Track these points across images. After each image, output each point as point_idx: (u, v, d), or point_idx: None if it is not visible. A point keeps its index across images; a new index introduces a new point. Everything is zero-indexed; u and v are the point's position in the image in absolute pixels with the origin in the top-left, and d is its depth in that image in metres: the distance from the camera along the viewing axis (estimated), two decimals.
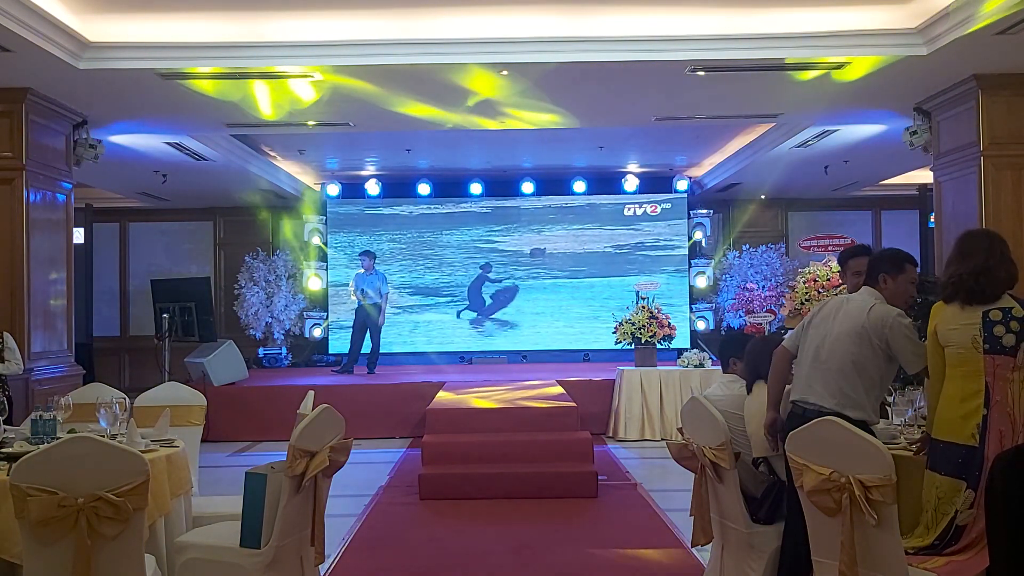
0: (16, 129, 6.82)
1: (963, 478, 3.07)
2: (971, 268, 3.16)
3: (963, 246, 3.27)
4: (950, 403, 3.18)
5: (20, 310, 6.80)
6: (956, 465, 3.10)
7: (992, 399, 3.07)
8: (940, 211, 7.57)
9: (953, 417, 3.15)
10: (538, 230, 12.90)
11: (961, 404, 3.14)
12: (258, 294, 12.30)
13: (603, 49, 6.39)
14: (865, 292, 3.57)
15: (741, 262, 12.59)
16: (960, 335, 3.16)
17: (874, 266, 3.61)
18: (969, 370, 3.13)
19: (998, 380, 3.07)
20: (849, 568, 2.77)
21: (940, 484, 3.14)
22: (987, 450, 3.03)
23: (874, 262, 3.64)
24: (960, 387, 3.15)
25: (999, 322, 3.09)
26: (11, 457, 3.34)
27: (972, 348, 3.12)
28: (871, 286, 3.58)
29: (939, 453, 3.18)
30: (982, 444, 3.05)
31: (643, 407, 9.06)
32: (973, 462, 3.06)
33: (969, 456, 3.07)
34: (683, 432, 3.97)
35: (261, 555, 3.35)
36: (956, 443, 3.12)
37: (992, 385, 3.08)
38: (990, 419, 3.06)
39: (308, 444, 3.41)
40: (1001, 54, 6.23)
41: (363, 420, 8.57)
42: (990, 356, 3.09)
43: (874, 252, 3.83)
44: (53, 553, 2.84)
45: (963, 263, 3.20)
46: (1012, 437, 3.02)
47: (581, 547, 5.20)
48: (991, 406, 3.07)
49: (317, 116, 8.03)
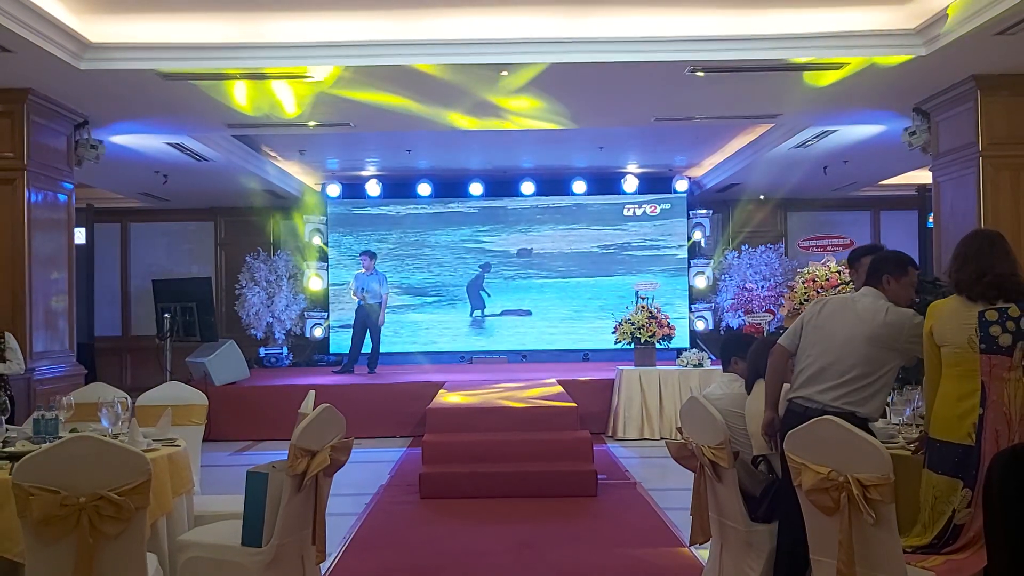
0: (17, 129, 6.83)
1: (960, 477, 3.08)
2: (977, 271, 3.13)
3: (966, 251, 3.22)
4: (946, 402, 3.18)
5: (22, 310, 6.81)
6: (953, 464, 3.11)
7: (988, 399, 3.07)
8: (939, 211, 7.58)
9: (949, 416, 3.16)
10: (537, 230, 12.91)
11: (957, 403, 3.14)
12: (259, 294, 12.31)
13: (603, 49, 6.40)
14: (871, 294, 3.57)
15: (740, 262, 12.60)
16: (956, 335, 3.16)
17: (878, 266, 3.62)
18: (965, 370, 3.13)
19: (994, 380, 3.07)
20: (847, 567, 2.77)
21: (937, 483, 3.15)
22: (983, 449, 3.03)
23: (878, 262, 3.64)
24: (956, 387, 3.16)
25: (995, 322, 3.08)
26: (13, 456, 3.35)
27: (968, 348, 3.12)
28: (873, 286, 3.59)
29: (936, 452, 3.19)
30: (978, 443, 3.06)
31: (642, 407, 9.07)
32: (969, 461, 3.06)
33: (966, 455, 3.08)
34: (682, 431, 3.98)
35: (262, 554, 3.36)
36: (953, 442, 3.12)
37: (988, 385, 3.07)
38: (986, 418, 3.06)
39: (309, 443, 3.42)
40: (1000, 54, 6.23)
41: (364, 419, 8.57)
42: (986, 356, 3.08)
43: (873, 251, 3.85)
44: (55, 552, 2.85)
45: (968, 265, 3.17)
46: (1008, 436, 3.01)
47: (581, 546, 5.21)
48: (987, 406, 3.07)
49: (317, 116, 8.04)
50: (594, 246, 12.91)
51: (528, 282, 12.88)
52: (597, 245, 12.92)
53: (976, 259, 3.19)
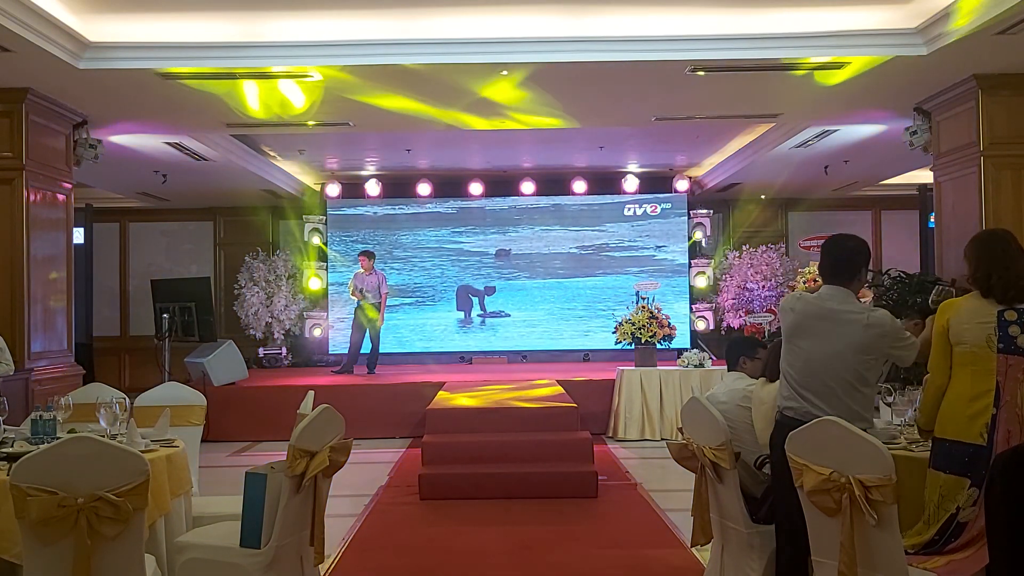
0: (16, 129, 6.82)
1: (968, 476, 3.05)
2: (1005, 271, 3.11)
3: (990, 250, 3.19)
4: (958, 401, 3.14)
5: (20, 310, 6.80)
6: (962, 464, 3.07)
7: (1002, 399, 3.05)
8: (940, 211, 7.57)
9: (961, 416, 3.11)
10: (537, 230, 12.89)
11: (970, 403, 3.10)
12: (258, 294, 12.30)
13: (603, 49, 6.39)
14: (847, 296, 3.36)
15: (741, 262, 12.58)
16: (974, 333, 3.12)
17: (854, 260, 3.41)
18: (980, 368, 3.10)
19: (1009, 380, 3.05)
20: (849, 568, 2.76)
21: (944, 483, 3.12)
22: (995, 449, 3.01)
23: (852, 256, 3.41)
24: (970, 386, 3.12)
25: (1015, 322, 3.07)
26: (11, 457, 3.34)
27: (986, 347, 3.09)
28: (846, 284, 3.37)
29: (944, 452, 3.15)
30: (990, 443, 3.03)
31: (643, 407, 9.06)
32: (980, 461, 3.03)
33: (976, 455, 3.05)
34: (683, 432, 3.97)
35: (261, 555, 3.35)
36: (963, 442, 3.09)
37: (1003, 385, 3.05)
38: (999, 419, 3.04)
39: (308, 444, 3.41)
40: (1001, 54, 6.23)
41: (363, 420, 8.57)
42: (1004, 356, 3.07)
43: (837, 245, 3.48)
44: (53, 553, 2.84)
45: (995, 265, 3.13)
46: (1020, 436, 3.00)
47: (581, 547, 5.19)
48: (1000, 406, 3.05)
49: (317, 116, 8.03)
50: (594, 246, 12.90)
51: (528, 282, 12.87)
52: (597, 245, 12.90)
53: (990, 260, 3.15)
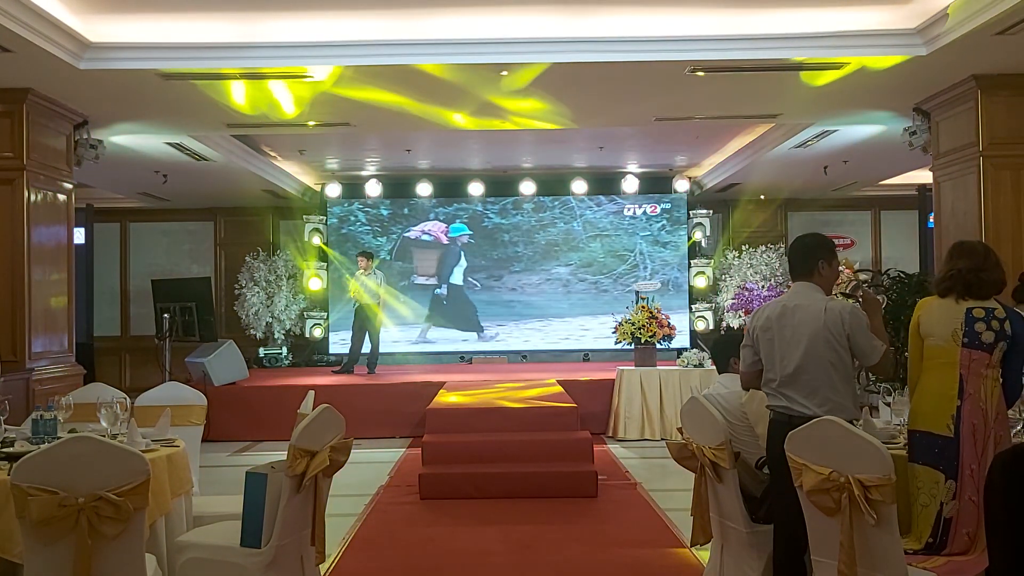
0: (17, 129, 6.83)
1: (940, 468, 3.17)
2: (970, 265, 3.27)
3: (962, 248, 3.38)
4: (926, 394, 3.29)
5: (21, 310, 6.80)
6: (933, 455, 3.20)
7: (965, 391, 3.18)
8: (939, 211, 7.57)
9: (929, 408, 3.25)
10: (536, 230, 12.89)
11: (937, 395, 3.24)
12: (258, 294, 12.31)
13: (603, 49, 6.39)
14: (809, 290, 3.46)
15: (740, 262, 12.60)
16: (942, 327, 3.27)
17: (813, 253, 3.51)
18: (945, 362, 3.24)
19: (972, 374, 3.18)
20: (848, 568, 2.77)
21: (919, 475, 3.23)
22: (961, 441, 3.14)
23: (812, 250, 3.52)
24: (937, 378, 3.26)
25: (981, 319, 3.21)
26: (12, 457, 3.34)
27: (951, 340, 3.23)
28: (807, 277, 3.48)
29: (917, 443, 3.28)
30: (956, 435, 3.15)
31: (643, 407, 9.07)
32: (949, 452, 3.16)
33: (945, 446, 3.17)
34: (683, 432, 3.98)
35: (261, 555, 3.35)
36: (933, 433, 3.22)
37: (966, 378, 3.19)
38: (963, 411, 3.17)
39: (308, 444, 3.42)
40: (1000, 54, 6.23)
41: (363, 420, 8.58)
42: (967, 350, 3.20)
43: (796, 242, 3.65)
44: (54, 553, 2.84)
45: (962, 260, 3.30)
46: (984, 432, 3.13)
47: (581, 547, 5.20)
48: (964, 398, 3.18)
49: (317, 116, 8.04)
50: (594, 246, 12.90)
51: (528, 282, 12.86)
52: (597, 245, 12.90)
53: (947, 261, 3.37)
